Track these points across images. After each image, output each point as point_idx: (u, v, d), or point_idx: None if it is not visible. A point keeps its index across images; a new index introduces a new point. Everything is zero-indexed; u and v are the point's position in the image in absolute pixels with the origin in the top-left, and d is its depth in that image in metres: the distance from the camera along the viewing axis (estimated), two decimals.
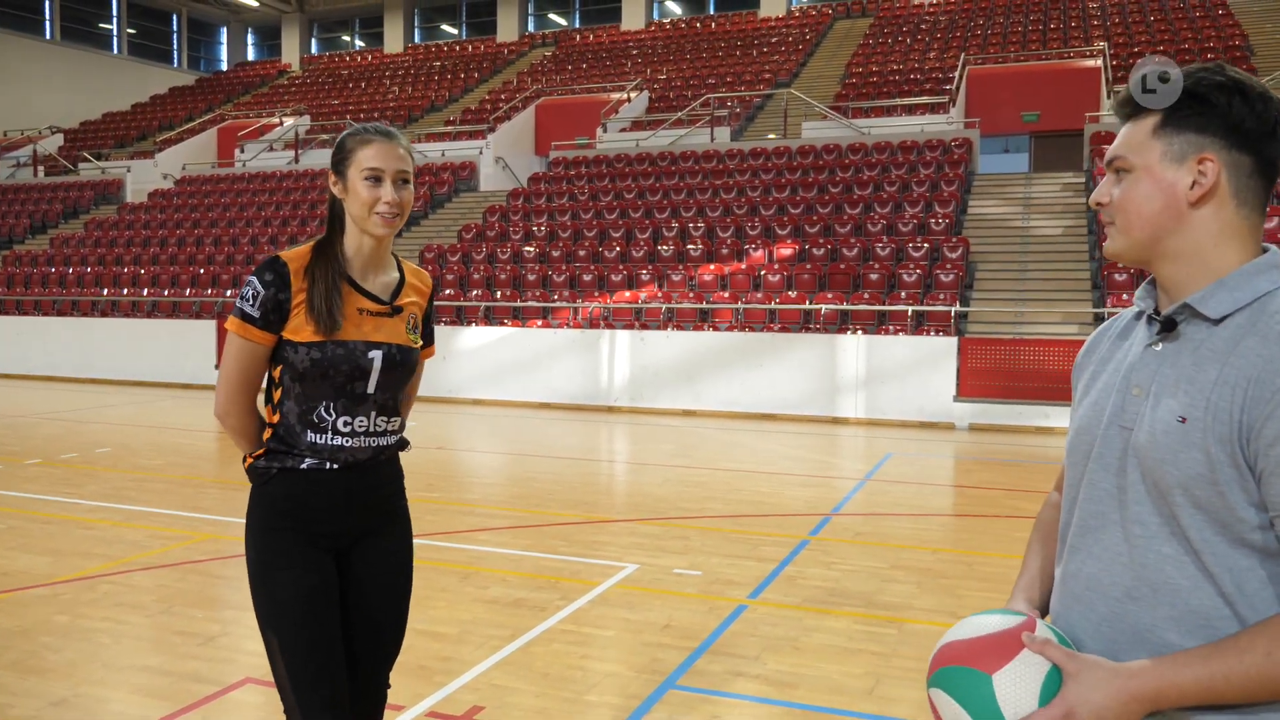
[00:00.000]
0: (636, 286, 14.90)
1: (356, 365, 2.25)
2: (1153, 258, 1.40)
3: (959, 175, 16.24)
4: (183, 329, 16.54)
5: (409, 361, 2.35)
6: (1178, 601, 1.32)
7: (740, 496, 7.90)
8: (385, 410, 2.33)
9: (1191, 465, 1.29)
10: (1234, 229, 1.36)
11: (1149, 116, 1.38)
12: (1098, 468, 1.42)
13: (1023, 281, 14.04)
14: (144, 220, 21.24)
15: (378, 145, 2.26)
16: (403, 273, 2.42)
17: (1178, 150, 1.35)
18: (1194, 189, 1.34)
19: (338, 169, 2.31)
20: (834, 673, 4.16)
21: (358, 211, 2.27)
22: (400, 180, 2.27)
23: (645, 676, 4.09)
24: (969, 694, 1.35)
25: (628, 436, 11.70)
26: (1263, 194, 1.36)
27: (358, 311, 2.28)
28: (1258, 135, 1.33)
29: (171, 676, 4.09)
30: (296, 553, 2.26)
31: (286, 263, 2.26)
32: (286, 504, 2.27)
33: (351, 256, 2.33)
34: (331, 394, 2.25)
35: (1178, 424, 1.30)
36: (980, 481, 9.09)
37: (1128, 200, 1.39)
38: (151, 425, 12.11)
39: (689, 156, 18.90)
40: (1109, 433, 1.41)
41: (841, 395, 12.71)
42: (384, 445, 2.35)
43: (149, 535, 6.44)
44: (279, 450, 2.28)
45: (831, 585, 5.43)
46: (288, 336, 2.25)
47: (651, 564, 5.81)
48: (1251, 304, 1.32)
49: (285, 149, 24.17)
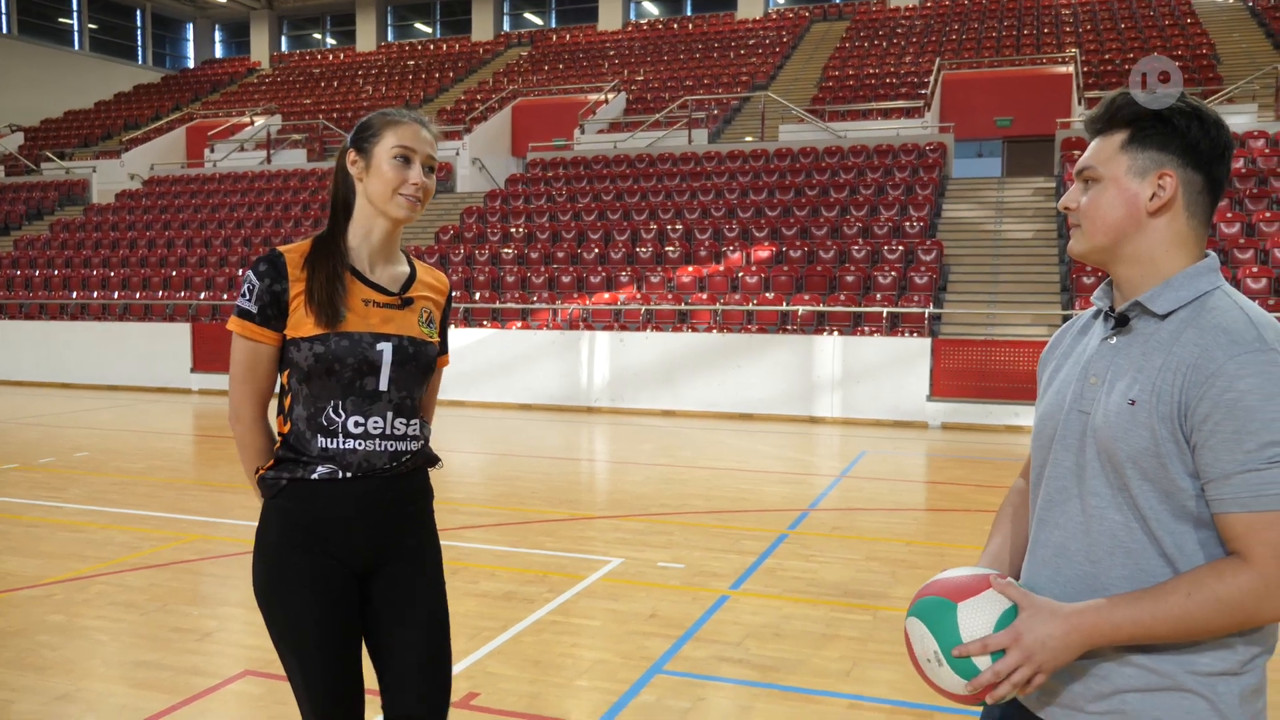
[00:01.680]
0: (615, 288, 15.05)
1: (364, 358, 2.11)
2: (1112, 260, 1.58)
3: (934, 179, 16.50)
4: (156, 332, 16.49)
5: (424, 356, 2.20)
6: (1129, 562, 1.51)
7: (720, 493, 8.07)
8: (403, 411, 2.17)
9: (1139, 441, 1.47)
10: (1183, 238, 1.54)
11: (1118, 133, 1.56)
12: (1060, 448, 1.60)
13: (994, 284, 14.30)
14: (112, 222, 21.04)
15: (410, 126, 2.16)
16: (414, 268, 2.29)
17: (1141, 165, 1.53)
18: (1153, 200, 1.53)
19: (360, 146, 2.18)
20: (813, 657, 4.33)
21: (379, 191, 2.15)
22: (428, 166, 2.18)
23: (633, 662, 4.24)
24: (936, 619, 1.54)
25: (609, 436, 11.84)
26: (1209, 209, 1.56)
27: (363, 303, 2.15)
28: (1210, 157, 1.52)
29: (171, 671, 4.20)
30: (308, 574, 2.12)
31: (283, 254, 2.15)
32: (297, 518, 2.13)
33: (358, 246, 2.20)
34: (339, 392, 2.11)
35: (1128, 406, 1.48)
36: (952, 478, 9.30)
37: (1094, 207, 1.57)
38: (129, 429, 12.12)
39: (667, 158, 19.08)
40: (1070, 417, 1.59)
41: (818, 395, 12.92)
42: (403, 451, 2.18)
43: (138, 537, 6.51)
44: (288, 459, 2.14)
45: (810, 576, 5.60)
46: (290, 334, 2.12)
47: (636, 558, 5.96)
48: (1192, 302, 1.51)
49: (257, 149, 24.02)
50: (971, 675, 1.51)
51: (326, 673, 2.13)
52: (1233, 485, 1.40)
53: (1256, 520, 1.39)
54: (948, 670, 1.54)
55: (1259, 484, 1.39)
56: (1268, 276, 12.65)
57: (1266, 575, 1.39)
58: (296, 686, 2.17)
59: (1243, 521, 1.40)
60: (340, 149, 2.24)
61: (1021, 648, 1.47)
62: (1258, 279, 12.64)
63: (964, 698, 1.55)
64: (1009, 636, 1.48)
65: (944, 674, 1.55)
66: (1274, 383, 1.39)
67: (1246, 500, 1.40)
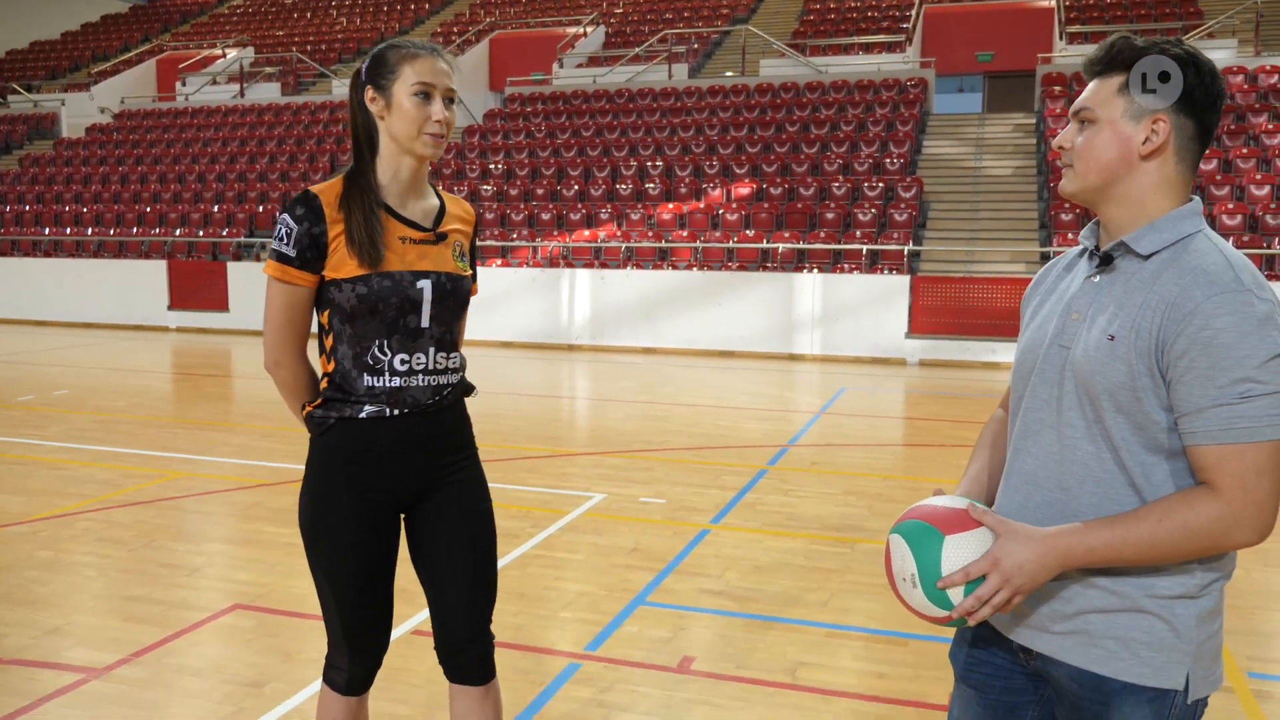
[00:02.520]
0: (595, 225, 14.99)
1: (406, 297, 2.12)
2: (1101, 200, 1.63)
3: (914, 115, 16.43)
4: (132, 269, 16.33)
5: (461, 290, 2.23)
6: (1098, 490, 1.58)
7: (701, 430, 8.16)
8: (444, 346, 2.21)
9: (1116, 375, 1.53)
10: (1171, 182, 1.59)
11: (1116, 76, 1.59)
12: (1039, 381, 1.66)
13: (973, 221, 14.34)
14: (83, 156, 20.66)
15: (426, 60, 2.12)
16: (442, 200, 2.28)
17: (1137, 109, 1.57)
18: (1146, 144, 1.57)
19: (378, 84, 2.13)
20: (791, 588, 4.44)
21: (404, 130, 2.11)
22: (448, 99, 2.15)
23: (616, 595, 4.34)
24: (921, 545, 1.61)
25: (590, 374, 11.89)
26: (1198, 155, 1.61)
27: (400, 240, 2.15)
28: (1204, 105, 1.56)
29: (161, 605, 4.26)
30: (351, 511, 2.18)
31: (318, 195, 2.12)
32: (347, 455, 2.16)
33: (387, 184, 2.17)
34: (384, 331, 2.13)
35: (1107, 342, 1.54)
36: (929, 414, 9.43)
37: (1089, 148, 1.61)
38: (108, 367, 12.07)
39: (646, 94, 18.87)
40: (1050, 351, 1.65)
41: (798, 332, 12.99)
42: (446, 384, 2.23)
43: (121, 474, 6.54)
44: (336, 399, 2.16)
45: (789, 510, 5.71)
46: (330, 275, 2.12)
47: (618, 493, 6.05)
48: (1175, 243, 1.57)
49: (229, 82, 23.57)
50: (945, 605, 1.59)
51: (361, 603, 2.24)
52: (1205, 419, 1.47)
53: (1225, 452, 1.46)
54: (920, 594, 1.61)
55: (1229, 417, 1.45)
56: (1243, 213, 12.75)
57: (1232, 504, 1.47)
58: (329, 616, 2.28)
59: (1213, 453, 1.47)
60: (353, 82, 2.19)
61: (1000, 572, 1.55)
62: (1233, 215, 12.74)
63: (932, 618, 1.63)
64: (988, 562, 1.56)
65: (916, 596, 1.62)
66: (1248, 322, 1.45)
67: (1216, 433, 1.46)
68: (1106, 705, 1.58)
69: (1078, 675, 1.60)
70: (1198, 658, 1.56)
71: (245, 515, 5.61)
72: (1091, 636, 1.58)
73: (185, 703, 3.35)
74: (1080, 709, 1.62)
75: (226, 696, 3.39)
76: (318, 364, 2.25)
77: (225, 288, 15.73)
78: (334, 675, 2.33)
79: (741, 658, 3.70)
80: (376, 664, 2.35)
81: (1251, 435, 1.45)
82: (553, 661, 3.65)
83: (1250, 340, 1.44)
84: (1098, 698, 1.58)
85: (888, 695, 3.42)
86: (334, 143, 19.20)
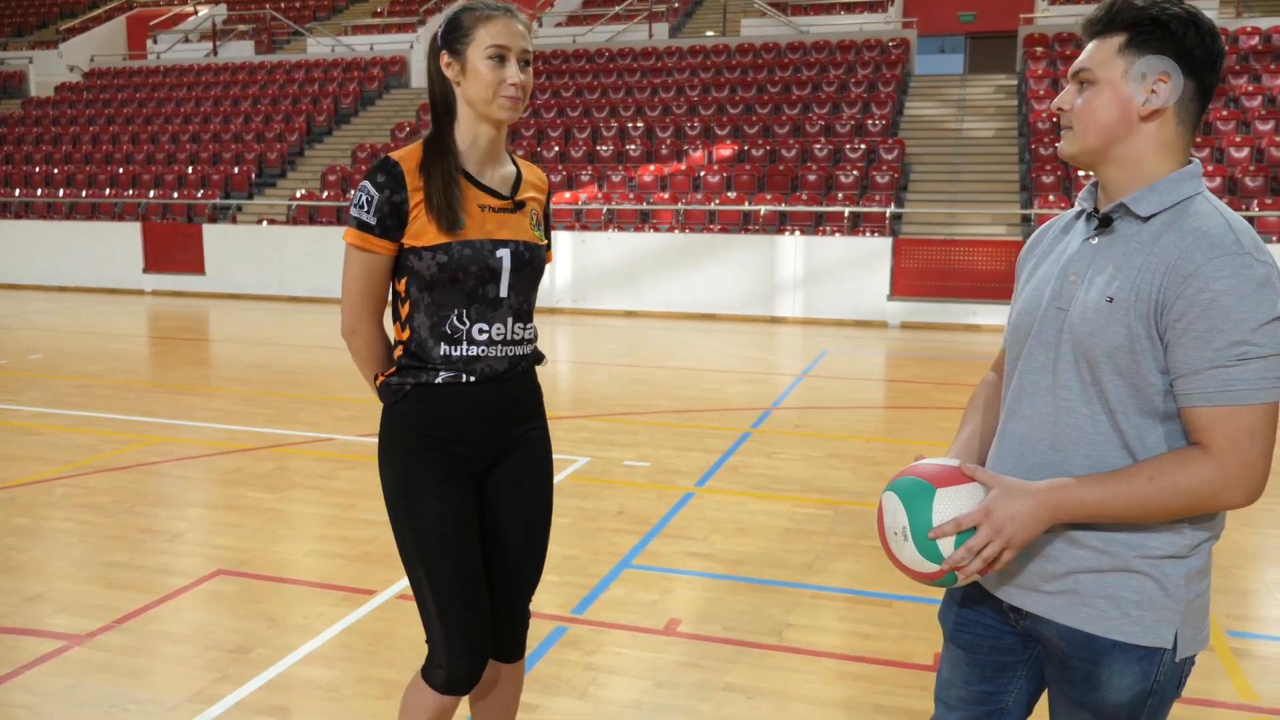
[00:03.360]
0: (576, 187, 14.88)
1: (486, 266, 2.08)
2: (1101, 161, 1.61)
3: (896, 76, 16.34)
4: (105, 231, 16.09)
5: (538, 260, 2.19)
6: (1091, 453, 1.57)
7: (684, 393, 8.16)
8: (521, 316, 2.18)
9: (1115, 337, 1.52)
10: (1170, 143, 1.57)
11: (1115, 36, 1.57)
12: (1036, 343, 1.65)
13: (955, 183, 14.32)
14: (52, 116, 20.29)
15: (502, 21, 2.06)
16: (519, 167, 2.25)
17: (1138, 69, 1.55)
18: (1147, 105, 1.55)
19: (453, 49, 2.09)
20: (776, 550, 4.46)
21: (480, 95, 2.07)
22: (523, 60, 2.09)
23: (602, 558, 4.34)
24: (913, 498, 1.62)
25: (572, 337, 11.86)
26: (1197, 116, 1.59)
27: (479, 208, 2.11)
28: (1203, 65, 1.54)
29: (142, 571, 4.23)
30: (436, 475, 2.14)
31: (399, 162, 2.08)
32: (423, 422, 2.13)
33: (466, 150, 2.13)
34: (464, 300, 2.09)
35: (1106, 303, 1.53)
36: (910, 376, 9.46)
37: (1089, 109, 1.58)
38: (83, 331, 11.93)
39: (627, 53, 18.68)
40: (1048, 313, 1.64)
41: (780, 295, 12.98)
42: (521, 355, 2.20)
43: (100, 440, 6.48)
44: (412, 366, 2.13)
45: (772, 473, 5.72)
46: (409, 243, 2.08)
47: (602, 457, 6.04)
48: (1175, 205, 1.55)
49: (202, 40, 23.16)
50: (935, 558, 1.58)
51: (456, 574, 2.14)
52: (1201, 380, 1.47)
53: (1219, 414, 1.46)
54: (911, 547, 1.61)
55: (1225, 379, 1.45)
56: (1222, 175, 12.79)
57: (1224, 465, 1.47)
58: (423, 599, 2.17)
59: (1207, 414, 1.47)
60: (430, 49, 2.14)
61: (992, 523, 1.54)
62: (1212, 178, 12.78)
63: (921, 574, 1.62)
64: (980, 513, 1.56)
65: (907, 550, 1.62)
66: (1247, 284, 1.44)
67: (1212, 395, 1.46)
68: (1096, 663, 1.58)
69: (1068, 634, 1.61)
70: (1186, 617, 1.56)
71: (226, 480, 5.57)
72: (1081, 596, 1.59)
73: (170, 669, 3.33)
74: (1070, 667, 1.62)
75: (211, 662, 3.37)
76: (391, 331, 2.21)
77: (201, 250, 15.54)
78: (433, 672, 2.21)
79: (728, 620, 3.72)
80: (480, 660, 2.19)
81: (1246, 398, 1.45)
82: (540, 625, 3.65)
83: (1248, 303, 1.43)
84: (1087, 656, 1.59)
85: (873, 655, 3.44)
86: (309, 103, 18.92)
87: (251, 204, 16.54)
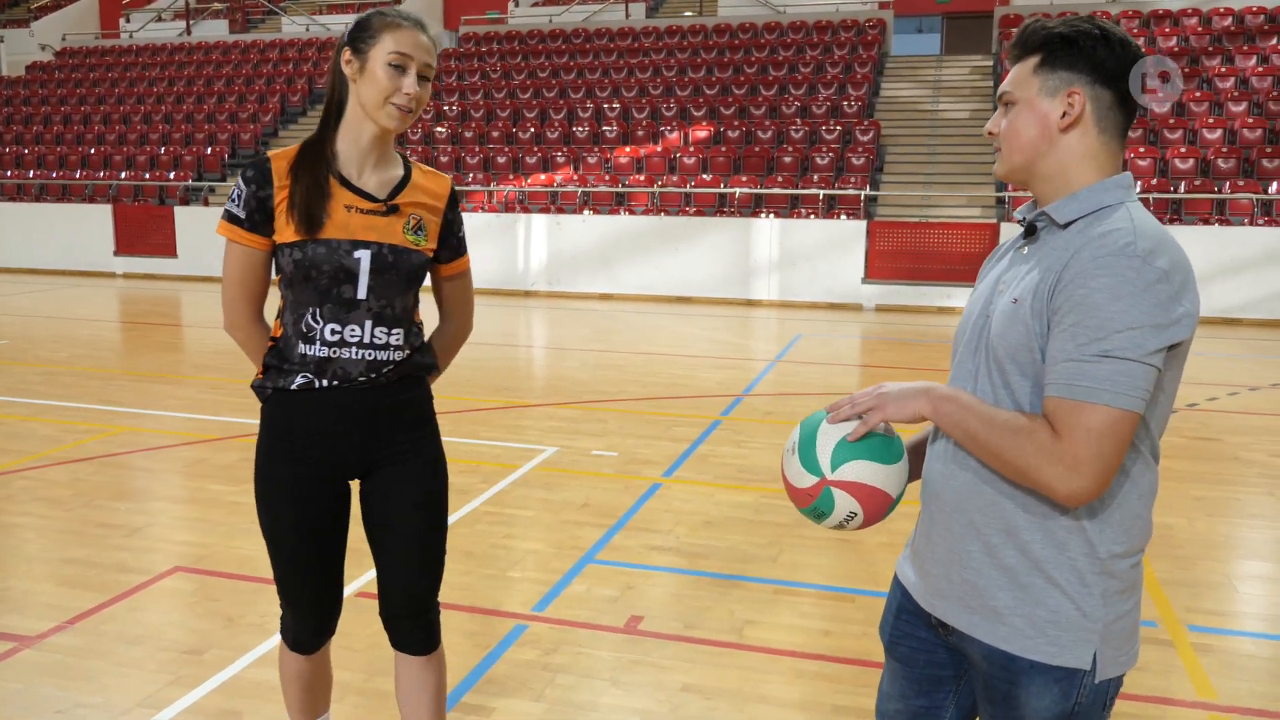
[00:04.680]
0: (551, 169, 14.77)
1: (340, 265, 2.10)
2: (1030, 178, 1.64)
3: (872, 57, 16.28)
4: (76, 213, 15.89)
5: (406, 264, 2.16)
6: None
7: (656, 379, 8.13)
8: (384, 321, 2.16)
9: (1016, 337, 1.54)
10: (1094, 153, 1.59)
11: (1031, 57, 1.61)
12: (966, 352, 1.67)
13: (930, 165, 14.30)
14: (23, 96, 20.00)
15: (409, 32, 2.09)
16: (409, 171, 2.23)
17: (1052, 85, 1.59)
18: (1064, 118, 1.58)
19: (357, 47, 2.11)
20: (741, 543, 4.44)
21: (371, 98, 2.09)
22: (423, 75, 2.11)
23: (565, 552, 4.31)
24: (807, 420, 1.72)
25: (546, 321, 11.80)
26: (1123, 124, 1.60)
27: (345, 209, 2.12)
28: (1117, 73, 1.56)
29: (98, 568, 4.17)
30: (287, 482, 2.20)
31: (270, 159, 2.14)
32: (281, 427, 2.19)
33: (346, 150, 2.16)
34: (317, 299, 2.12)
35: (1011, 305, 1.56)
36: (884, 361, 9.46)
37: (1012, 129, 1.62)
38: (51, 316, 11.78)
39: (604, 33, 18.53)
40: (978, 321, 1.66)
41: (755, 278, 12.95)
42: (383, 361, 2.18)
43: (61, 429, 6.39)
44: (274, 366, 2.18)
45: (741, 463, 5.70)
46: (277, 240, 2.13)
47: (570, 446, 6.01)
48: (1093, 213, 1.56)
49: (175, 19, 22.86)
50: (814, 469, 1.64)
51: (300, 575, 2.30)
52: (1056, 370, 1.47)
53: (1064, 405, 1.46)
54: (796, 461, 1.67)
55: (1076, 374, 1.45)
56: (1195, 157, 12.82)
57: (1057, 446, 1.46)
58: (276, 576, 2.34)
59: (1054, 403, 1.47)
60: (337, 45, 2.16)
61: (878, 389, 1.67)
62: (1185, 159, 12.81)
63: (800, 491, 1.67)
64: (874, 387, 1.68)
65: (793, 464, 1.68)
66: (1125, 286, 1.43)
67: (1061, 386, 1.46)
68: (1015, 684, 1.57)
69: (988, 652, 1.60)
70: (1106, 638, 1.54)
71: (190, 473, 5.51)
72: (1000, 614, 1.57)
73: (121, 673, 3.29)
74: (991, 687, 1.61)
75: (163, 665, 3.33)
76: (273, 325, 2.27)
77: (173, 233, 15.37)
78: (285, 632, 2.41)
79: (689, 617, 3.70)
80: (324, 628, 2.40)
81: (1090, 395, 1.44)
82: (500, 623, 3.63)
83: (1120, 304, 1.42)
84: (1006, 676, 1.58)
85: (833, 654, 3.43)
86: (284, 83, 18.69)
87: (224, 185, 16.35)
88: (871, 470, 1.64)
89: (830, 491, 1.64)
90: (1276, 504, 5.16)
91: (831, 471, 1.64)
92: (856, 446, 1.64)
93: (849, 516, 1.66)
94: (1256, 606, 3.92)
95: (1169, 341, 1.43)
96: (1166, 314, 1.42)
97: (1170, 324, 1.43)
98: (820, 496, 1.64)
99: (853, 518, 1.67)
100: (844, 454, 1.63)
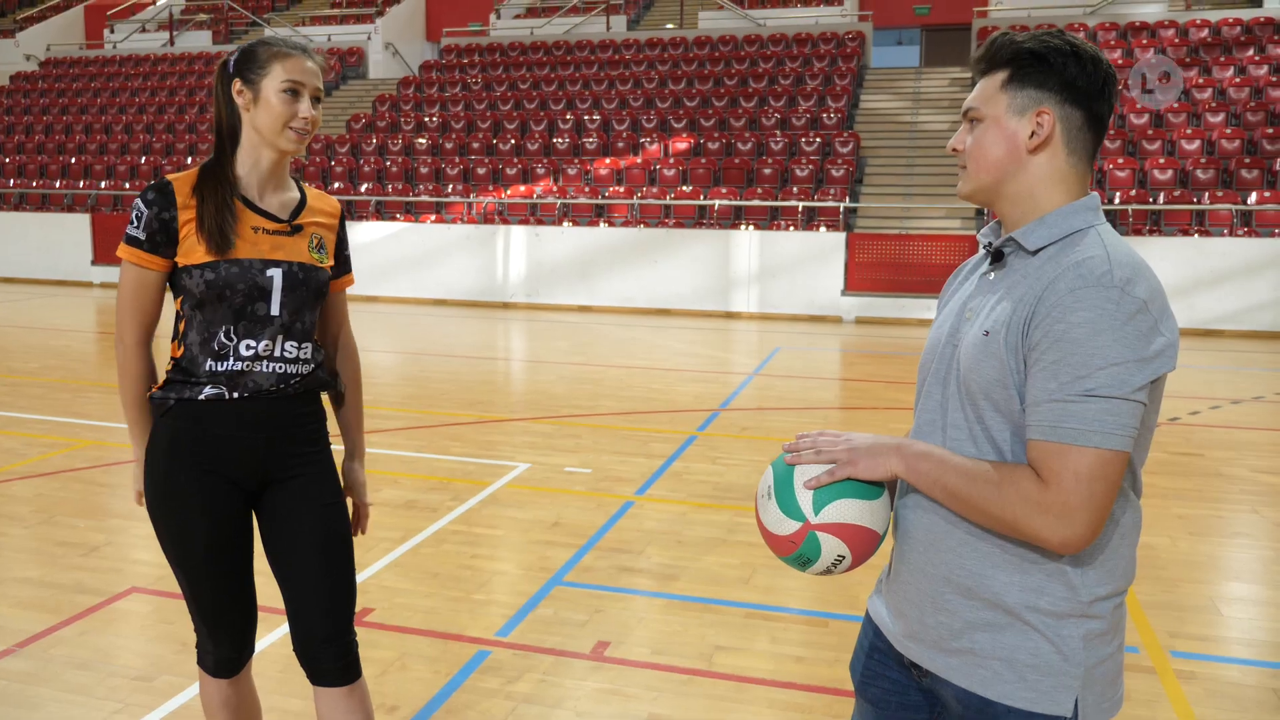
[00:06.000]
0: (531, 180, 14.70)
1: (254, 284, 2.15)
2: (995, 198, 1.57)
3: (852, 69, 16.30)
4: (55, 222, 15.75)
5: (314, 281, 2.24)
6: None
7: (632, 393, 8.05)
8: (293, 335, 2.21)
9: (990, 371, 1.46)
10: (1063, 175, 1.52)
11: (999, 73, 1.54)
12: (933, 381, 1.60)
13: (910, 177, 14.31)
14: (6, 105, 19.90)
15: (298, 59, 2.16)
16: (304, 194, 2.32)
17: (1020, 103, 1.52)
18: (1033, 138, 1.51)
19: (246, 78, 2.16)
20: (713, 564, 4.36)
21: (269, 125, 2.15)
22: (315, 98, 2.19)
23: (533, 574, 4.22)
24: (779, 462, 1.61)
25: (523, 333, 11.71)
26: (1092, 145, 1.53)
27: (253, 230, 2.18)
28: (1088, 93, 1.50)
29: (54, 588, 4.06)
30: (196, 491, 2.19)
31: (171, 182, 2.17)
32: (185, 436, 2.18)
33: (246, 175, 2.21)
34: (231, 317, 2.15)
35: (983, 337, 1.48)
36: (863, 374, 9.42)
37: (979, 147, 1.55)
38: (23, 325, 11.62)
39: (584, 46, 18.50)
40: (944, 350, 1.59)
41: (735, 290, 12.91)
42: (291, 374, 2.22)
43: (25, 443, 6.26)
44: (178, 381, 2.19)
45: (715, 480, 5.63)
46: (181, 262, 2.15)
47: (543, 463, 5.92)
48: (1063, 239, 1.49)
49: (159, 30, 22.77)
50: (796, 515, 1.54)
51: (213, 588, 2.26)
52: (1039, 412, 1.40)
53: (1050, 448, 1.39)
54: (774, 506, 1.57)
55: (1060, 415, 1.38)
56: (1174, 168, 12.86)
57: (1045, 498, 1.39)
58: (187, 599, 2.30)
59: (1039, 447, 1.40)
60: (220, 73, 2.22)
61: (846, 440, 1.57)
62: (1164, 170, 12.85)
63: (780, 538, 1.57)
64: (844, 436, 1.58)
65: (771, 510, 1.58)
66: (1105, 319, 1.37)
67: (1045, 428, 1.39)
68: None
69: (964, 697, 1.52)
70: (1088, 683, 1.47)
71: None
72: (978, 657, 1.50)
73: (66, 700, 3.18)
74: None
75: (112, 691, 3.22)
76: (168, 349, 2.26)
77: None
78: (204, 657, 2.36)
79: (657, 643, 3.62)
80: (245, 644, 2.36)
81: (1077, 438, 1.37)
82: (462, 648, 3.53)
83: (1102, 339, 1.36)
84: None
85: (804, 682, 3.35)
86: None
87: None
88: (857, 509, 1.54)
89: (815, 536, 1.54)
90: (1260, 521, 5.12)
91: (815, 515, 1.54)
92: (838, 485, 1.54)
93: (837, 560, 1.56)
94: (1241, 631, 3.85)
95: (1153, 375, 1.37)
96: (1148, 346, 1.37)
97: (1154, 357, 1.37)
98: (805, 542, 1.54)
99: (841, 561, 1.56)
100: (826, 495, 1.53)
